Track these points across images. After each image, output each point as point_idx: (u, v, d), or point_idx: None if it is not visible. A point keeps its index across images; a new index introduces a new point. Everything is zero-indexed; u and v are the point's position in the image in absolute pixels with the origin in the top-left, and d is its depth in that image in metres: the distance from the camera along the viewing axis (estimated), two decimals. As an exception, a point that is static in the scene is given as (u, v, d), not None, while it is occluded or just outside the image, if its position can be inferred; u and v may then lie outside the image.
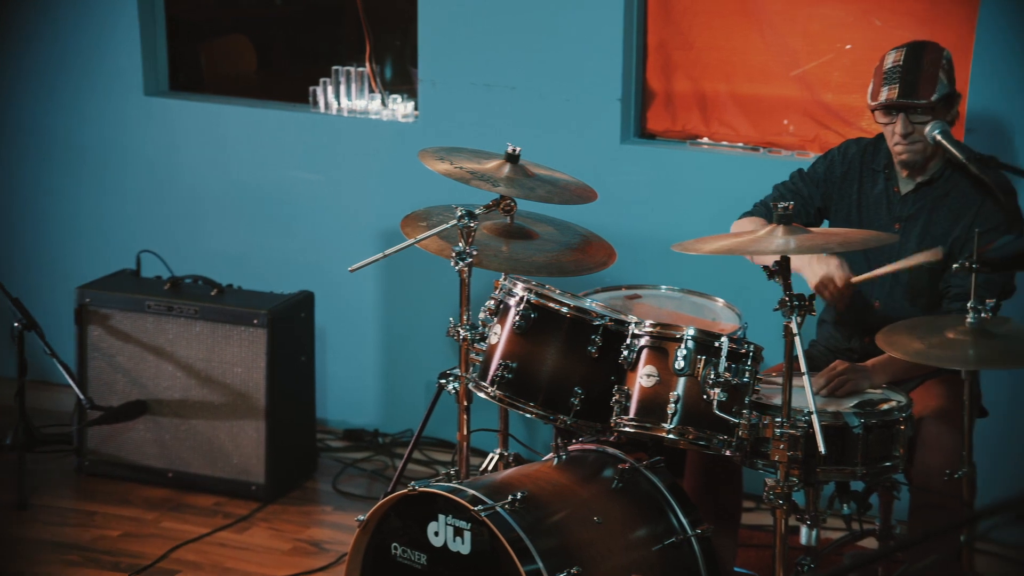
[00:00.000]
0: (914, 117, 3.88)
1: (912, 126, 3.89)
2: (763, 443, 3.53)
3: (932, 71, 3.87)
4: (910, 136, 3.90)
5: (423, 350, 5.40)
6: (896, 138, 3.91)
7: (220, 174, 5.62)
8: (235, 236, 5.64)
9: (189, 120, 5.64)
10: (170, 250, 5.42)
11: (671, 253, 3.60)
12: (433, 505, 3.50)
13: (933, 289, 3.96)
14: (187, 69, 5.88)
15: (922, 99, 3.85)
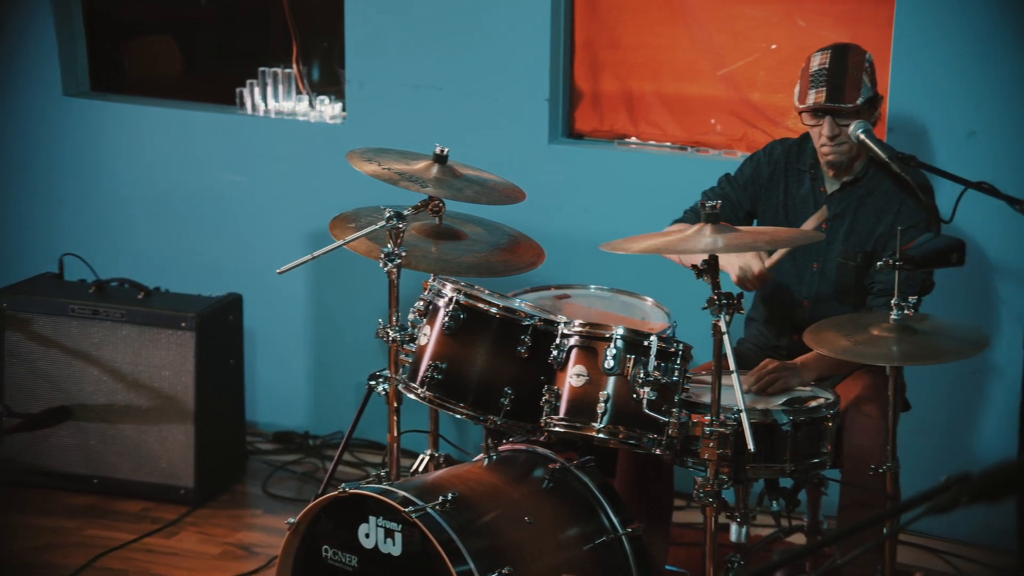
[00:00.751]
0: (840, 120, 3.92)
1: (839, 128, 3.93)
2: (693, 441, 3.54)
3: (857, 75, 3.91)
4: (836, 138, 3.94)
5: (353, 352, 5.37)
6: (823, 140, 3.95)
7: (145, 176, 5.56)
8: (162, 238, 5.58)
9: (112, 121, 5.57)
10: (95, 253, 5.34)
11: (600, 253, 3.61)
12: (364, 507, 3.49)
13: (859, 287, 4.01)
14: (110, 70, 5.81)
15: (848, 103, 3.89)
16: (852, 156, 3.99)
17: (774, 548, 4.39)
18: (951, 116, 4.49)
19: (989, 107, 4.45)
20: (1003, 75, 4.41)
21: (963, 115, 4.47)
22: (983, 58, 4.43)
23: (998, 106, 4.44)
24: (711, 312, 3.42)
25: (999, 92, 4.43)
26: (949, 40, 4.46)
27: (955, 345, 3.59)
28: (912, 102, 4.52)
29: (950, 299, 4.27)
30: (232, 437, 5.19)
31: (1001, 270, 4.49)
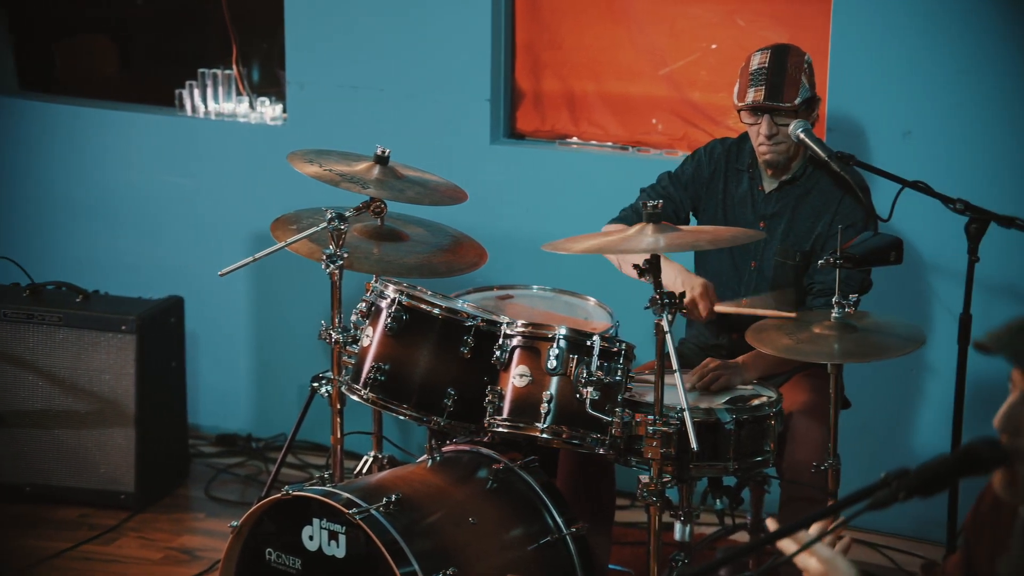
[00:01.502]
0: (778, 119, 3.95)
1: (776, 127, 3.95)
2: (636, 441, 3.56)
3: (796, 75, 3.94)
4: (774, 137, 3.96)
5: (295, 354, 5.35)
6: (761, 139, 3.98)
7: (81, 177, 5.51)
8: (101, 241, 5.54)
9: (45, 122, 5.51)
10: (29, 257, 5.25)
11: (542, 253, 3.62)
12: (307, 509, 3.48)
13: (798, 286, 4.03)
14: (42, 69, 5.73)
15: (786, 103, 3.92)
16: (789, 156, 4.01)
17: (717, 546, 4.42)
18: (887, 116, 4.54)
19: (923, 107, 4.50)
20: (937, 76, 4.46)
21: (899, 115, 4.52)
22: (918, 59, 4.48)
23: (932, 106, 4.48)
24: (653, 312, 3.44)
25: (933, 93, 4.47)
26: (885, 41, 4.51)
27: (894, 342, 3.62)
28: (849, 102, 4.56)
29: (887, 297, 4.32)
30: (174, 440, 5.15)
31: (936, 268, 4.54)
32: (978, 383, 4.09)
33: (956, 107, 4.45)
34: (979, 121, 4.43)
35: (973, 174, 4.40)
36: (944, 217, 3.91)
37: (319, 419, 4.35)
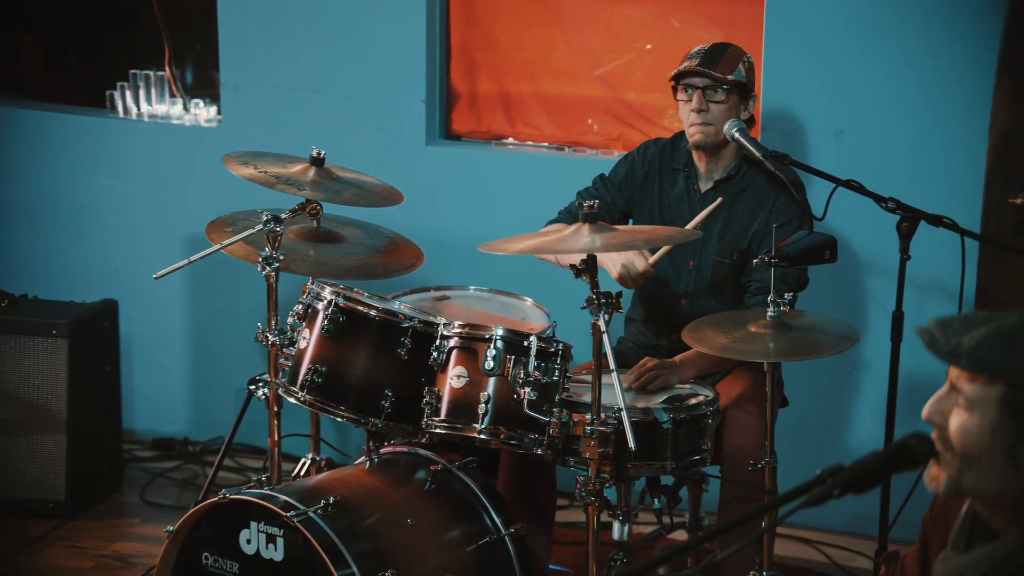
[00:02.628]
0: (710, 95, 3.98)
1: (707, 104, 3.98)
2: (574, 441, 3.56)
3: (733, 60, 3.99)
4: (704, 115, 3.99)
5: (232, 356, 5.32)
6: (692, 116, 4.00)
7: (10, 179, 5.44)
8: (31, 245, 5.47)
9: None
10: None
11: (479, 254, 3.61)
12: (245, 512, 3.46)
13: (735, 284, 4.06)
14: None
15: (719, 73, 3.95)
16: (718, 142, 4.03)
17: (656, 545, 4.44)
18: (820, 116, 4.58)
19: (856, 107, 4.54)
20: (869, 76, 4.50)
21: (832, 115, 4.56)
22: (850, 60, 4.52)
23: (864, 106, 4.53)
24: (590, 311, 3.44)
25: (865, 93, 4.52)
26: (817, 42, 4.54)
27: (829, 340, 3.65)
28: (783, 102, 4.60)
29: (822, 295, 4.35)
30: (108, 446, 5.09)
31: (869, 266, 4.59)
32: (911, 379, 4.13)
33: (887, 107, 4.50)
34: (909, 121, 4.48)
35: (904, 173, 4.45)
36: (877, 216, 3.95)
37: (256, 422, 4.33)
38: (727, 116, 4.00)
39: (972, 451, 2.12)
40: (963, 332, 2.10)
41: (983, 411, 2.11)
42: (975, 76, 4.38)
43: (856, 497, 2.08)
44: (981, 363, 2.08)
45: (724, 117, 3.99)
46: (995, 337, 2.08)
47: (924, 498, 2.52)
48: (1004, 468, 2.11)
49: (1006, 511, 2.16)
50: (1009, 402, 2.08)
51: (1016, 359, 2.06)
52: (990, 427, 2.10)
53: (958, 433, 2.13)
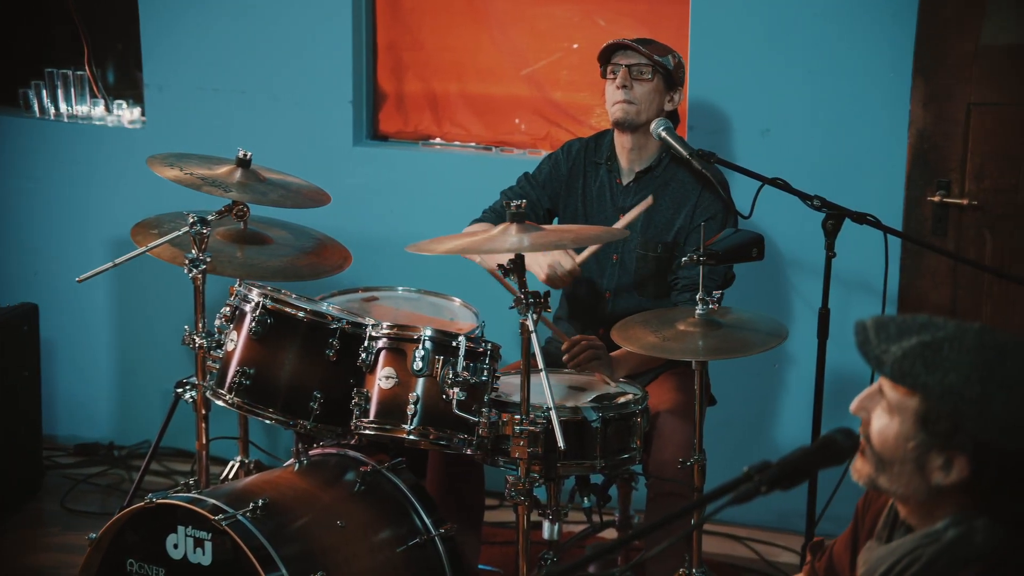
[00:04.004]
0: (635, 73, 4.01)
1: (632, 82, 4.00)
2: (503, 441, 3.56)
3: (663, 50, 4.05)
4: (627, 91, 4.01)
5: (159, 359, 5.27)
6: (616, 94, 4.03)
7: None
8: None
9: None
10: None
11: (407, 254, 3.60)
12: (172, 517, 3.42)
13: (659, 278, 4.08)
14: None
15: (646, 49, 4.00)
16: (639, 124, 4.05)
17: (586, 544, 4.45)
18: (746, 115, 4.61)
19: (781, 106, 4.58)
20: (793, 76, 4.55)
21: (757, 114, 4.60)
22: (775, 59, 4.56)
23: (789, 105, 4.57)
24: (518, 311, 3.44)
25: (790, 92, 4.56)
26: (743, 41, 4.58)
27: (757, 338, 3.67)
28: (709, 100, 4.62)
29: (749, 292, 4.39)
30: (26, 452, 5.00)
31: (795, 263, 4.63)
32: (837, 375, 4.17)
33: (811, 107, 4.54)
34: (833, 121, 4.53)
35: (829, 171, 4.50)
36: (802, 214, 3.98)
37: (184, 425, 4.29)
38: (651, 98, 4.02)
39: (886, 455, 2.18)
40: (896, 339, 2.13)
41: (901, 419, 2.16)
42: (892, 77, 4.43)
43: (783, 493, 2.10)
44: (902, 376, 2.12)
45: (648, 99, 4.02)
46: (920, 351, 2.12)
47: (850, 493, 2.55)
48: (911, 476, 2.17)
49: (917, 511, 2.22)
50: (923, 415, 2.13)
51: (934, 378, 2.10)
52: (904, 436, 2.15)
53: (877, 435, 2.19)
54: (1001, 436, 2.10)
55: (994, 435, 2.10)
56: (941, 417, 2.11)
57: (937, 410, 2.11)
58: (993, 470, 2.12)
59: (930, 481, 2.16)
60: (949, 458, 2.13)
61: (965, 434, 2.11)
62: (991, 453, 2.11)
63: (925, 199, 4.44)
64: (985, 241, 4.39)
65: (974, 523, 2.16)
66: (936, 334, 2.13)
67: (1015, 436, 2.09)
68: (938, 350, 2.11)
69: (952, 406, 2.10)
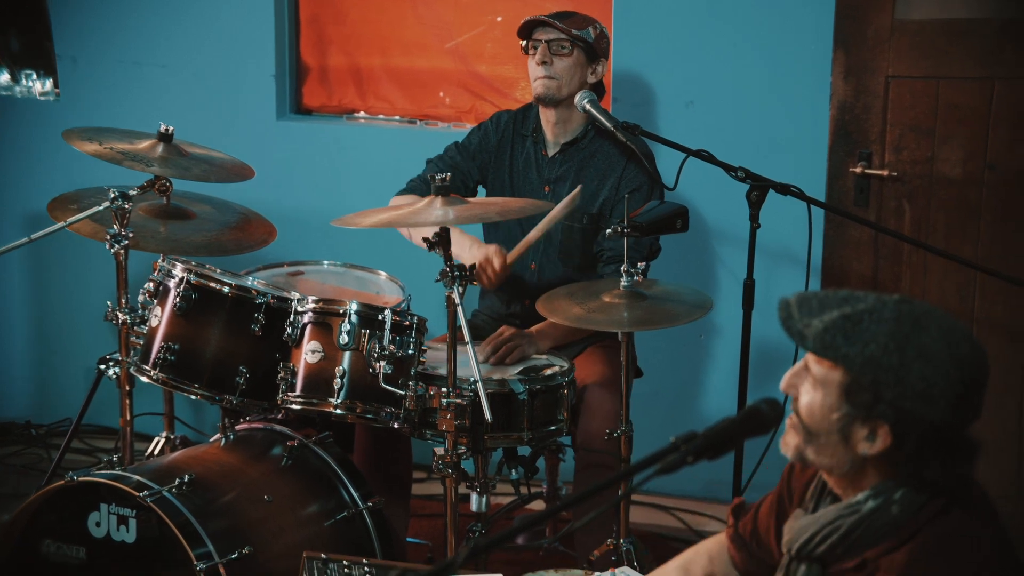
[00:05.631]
0: (555, 49, 4.02)
1: (552, 57, 4.01)
2: (431, 414, 3.57)
3: (583, 22, 4.05)
4: (548, 67, 4.02)
5: (80, 336, 5.21)
6: (537, 70, 4.03)
7: None
8: None
9: None
10: None
11: (332, 228, 3.59)
12: (94, 495, 3.39)
13: (585, 249, 4.09)
14: None
15: (564, 24, 4.00)
16: (561, 98, 4.05)
17: (514, 515, 4.46)
18: (671, 87, 4.63)
19: (705, 78, 4.60)
20: (716, 48, 4.56)
21: (682, 86, 4.61)
22: (699, 31, 4.57)
23: (713, 78, 4.59)
24: (444, 284, 3.44)
25: (714, 64, 4.58)
26: (667, 13, 4.59)
27: (682, 309, 3.69)
28: (634, 72, 4.63)
29: (674, 264, 4.41)
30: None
31: (720, 235, 4.66)
32: (762, 346, 4.20)
33: (735, 79, 4.57)
34: (756, 93, 4.55)
35: (753, 143, 4.52)
36: (727, 185, 4.01)
37: (107, 401, 4.24)
38: (572, 73, 4.03)
39: (814, 427, 2.22)
40: (818, 313, 2.18)
41: (825, 392, 2.20)
42: (814, 50, 4.46)
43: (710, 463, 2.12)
44: (824, 349, 2.17)
45: (569, 73, 4.02)
46: (841, 324, 2.16)
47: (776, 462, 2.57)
48: (837, 447, 2.22)
49: (843, 482, 2.27)
50: (846, 387, 2.18)
51: (854, 349, 2.15)
52: (829, 408, 2.20)
53: (804, 409, 2.23)
54: (920, 405, 2.14)
55: (914, 404, 2.14)
56: (863, 388, 2.16)
57: (859, 381, 2.15)
58: (913, 439, 2.17)
59: (855, 452, 2.20)
60: (872, 428, 2.18)
61: (886, 404, 2.15)
62: (911, 422, 2.16)
63: (847, 170, 4.48)
64: (904, 211, 4.45)
65: (892, 495, 2.21)
66: (856, 307, 2.17)
67: (933, 405, 2.14)
68: (858, 322, 2.15)
69: (872, 376, 2.14)
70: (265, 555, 3.40)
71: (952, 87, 4.35)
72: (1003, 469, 4.44)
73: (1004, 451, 4.46)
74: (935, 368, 2.13)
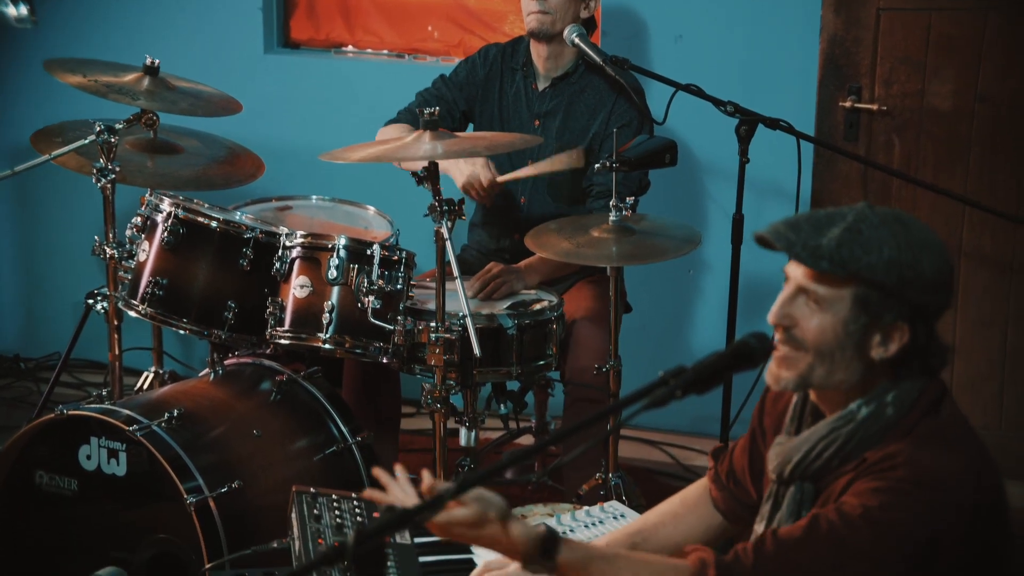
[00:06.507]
0: None
1: None
2: (419, 348, 3.57)
3: None
4: (542, 1, 3.99)
5: (67, 270, 5.20)
6: (530, 4, 4.01)
7: None
8: None
9: None
10: None
11: (320, 163, 3.58)
12: (84, 428, 3.39)
13: (575, 184, 4.08)
14: None
15: None
16: (554, 33, 4.03)
17: (503, 450, 4.48)
18: (660, 21, 4.60)
19: (695, 12, 4.57)
20: (708, -20, 4.54)
21: (671, 20, 4.59)
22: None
23: (703, 11, 4.56)
24: (433, 219, 3.43)
25: (704, -2, 4.56)
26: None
27: (671, 244, 3.69)
28: (623, 6, 4.60)
29: (663, 199, 4.40)
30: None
31: (709, 169, 4.65)
32: (751, 280, 4.21)
33: (725, 12, 4.54)
34: (746, 27, 4.53)
35: (742, 78, 4.50)
36: (716, 120, 3.99)
37: (96, 336, 4.24)
38: (566, 7, 4.00)
39: (827, 347, 2.22)
40: (816, 234, 2.18)
41: (835, 309, 2.21)
42: (804, -18, 4.45)
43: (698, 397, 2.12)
44: (843, 264, 2.17)
45: (563, 7, 3.99)
46: (849, 238, 2.18)
47: (763, 396, 2.58)
48: (851, 360, 2.23)
49: (838, 398, 2.28)
50: (862, 298, 2.19)
51: (873, 256, 2.17)
52: (844, 322, 2.21)
53: (815, 332, 2.22)
54: (933, 294, 2.20)
55: (929, 295, 2.20)
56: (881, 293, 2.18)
57: (877, 288, 2.18)
58: (924, 330, 2.22)
59: (869, 360, 2.23)
60: (887, 332, 2.21)
61: (904, 302, 2.19)
62: (927, 313, 2.22)
63: (837, 104, 4.47)
64: (894, 145, 4.44)
65: (885, 398, 2.24)
66: (846, 219, 2.20)
67: (942, 291, 2.21)
68: (859, 232, 2.18)
69: (897, 276, 2.17)
70: (254, 489, 3.42)
71: (944, 18, 4.33)
72: (986, 400, 4.47)
73: (988, 381, 4.49)
74: (937, 256, 2.20)
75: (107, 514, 3.42)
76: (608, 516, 2.90)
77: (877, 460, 2.19)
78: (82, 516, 3.43)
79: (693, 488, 2.64)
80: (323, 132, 4.88)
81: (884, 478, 2.16)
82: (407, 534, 2.57)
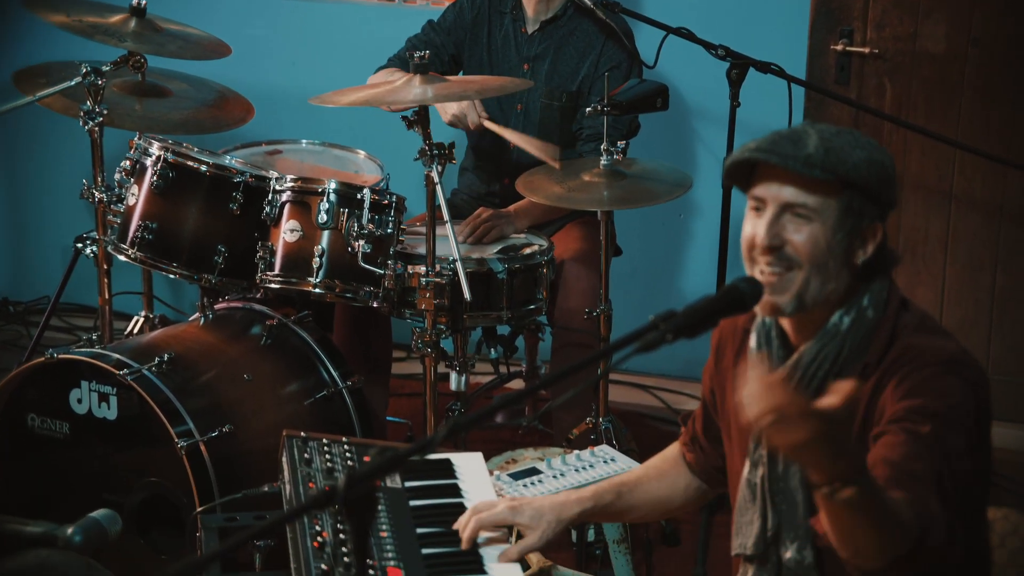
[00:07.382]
0: None
1: None
2: (410, 293, 3.57)
3: None
4: None
5: (55, 214, 5.18)
6: None
7: None
8: None
9: None
10: None
11: (310, 107, 3.56)
12: (75, 372, 3.40)
13: (564, 128, 4.06)
14: None
15: None
16: None
17: (493, 394, 4.50)
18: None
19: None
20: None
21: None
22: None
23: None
24: (423, 163, 3.43)
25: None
26: None
27: (662, 187, 3.69)
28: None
29: (654, 142, 4.39)
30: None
31: (700, 113, 4.64)
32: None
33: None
34: (739, -32, 4.51)
35: (733, 21, 4.48)
36: (707, 63, 3.97)
37: (85, 280, 4.24)
38: None
39: (820, 258, 2.23)
40: (798, 147, 2.20)
41: (823, 218, 2.22)
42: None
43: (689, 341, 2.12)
44: (833, 169, 2.19)
45: None
46: (828, 144, 2.20)
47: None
48: (840, 268, 2.25)
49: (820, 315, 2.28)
50: (847, 203, 2.22)
51: (857, 156, 2.21)
52: (833, 230, 2.23)
53: (808, 244, 2.23)
54: (895, 192, 2.26)
55: (895, 192, 2.26)
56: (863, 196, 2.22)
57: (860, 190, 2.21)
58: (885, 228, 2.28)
59: (853, 265, 2.25)
60: (866, 234, 2.25)
61: (879, 202, 2.24)
62: (889, 212, 2.28)
63: (828, 48, 4.45)
64: (885, 89, 4.43)
65: (861, 303, 2.27)
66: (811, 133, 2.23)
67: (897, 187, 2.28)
68: (831, 141, 2.21)
69: (876, 176, 2.21)
70: (245, 433, 3.43)
71: (939, -43, 4.31)
72: (976, 344, 4.48)
73: (976, 326, 4.50)
74: (885, 153, 2.26)
75: (99, 457, 3.43)
76: (598, 460, 2.91)
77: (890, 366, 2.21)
78: (74, 459, 3.44)
79: (673, 446, 2.67)
80: (313, 76, 4.86)
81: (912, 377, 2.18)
82: (397, 478, 2.58)
